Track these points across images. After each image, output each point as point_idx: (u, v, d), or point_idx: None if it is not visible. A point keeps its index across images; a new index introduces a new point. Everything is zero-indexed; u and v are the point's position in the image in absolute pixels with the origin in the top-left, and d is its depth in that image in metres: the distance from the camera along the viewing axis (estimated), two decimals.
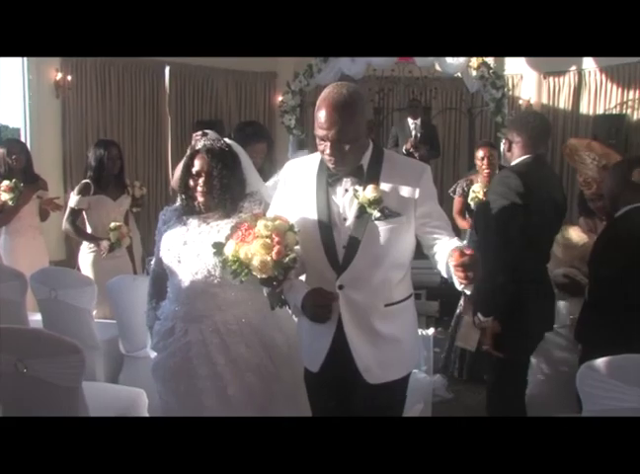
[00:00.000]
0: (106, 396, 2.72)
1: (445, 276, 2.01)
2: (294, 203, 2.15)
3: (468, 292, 1.90)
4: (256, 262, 1.88)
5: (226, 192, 2.28)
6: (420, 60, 7.76)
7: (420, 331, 2.95)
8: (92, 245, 4.30)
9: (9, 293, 3.49)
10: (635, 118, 8.30)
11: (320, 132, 1.99)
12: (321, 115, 1.97)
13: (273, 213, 2.13)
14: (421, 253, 2.19)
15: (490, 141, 5.13)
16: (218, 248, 2.00)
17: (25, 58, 6.83)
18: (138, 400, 2.83)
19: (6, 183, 4.49)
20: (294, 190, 2.17)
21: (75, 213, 4.29)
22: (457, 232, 3.61)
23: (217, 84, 9.31)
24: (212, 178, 2.27)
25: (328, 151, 1.99)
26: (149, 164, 8.65)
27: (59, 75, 7.23)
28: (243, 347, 2.31)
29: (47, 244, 5.09)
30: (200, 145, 2.31)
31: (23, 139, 6.82)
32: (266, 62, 9.27)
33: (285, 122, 7.96)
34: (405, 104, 8.83)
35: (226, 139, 2.42)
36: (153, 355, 3.14)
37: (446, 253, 1.95)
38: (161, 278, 2.44)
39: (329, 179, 2.09)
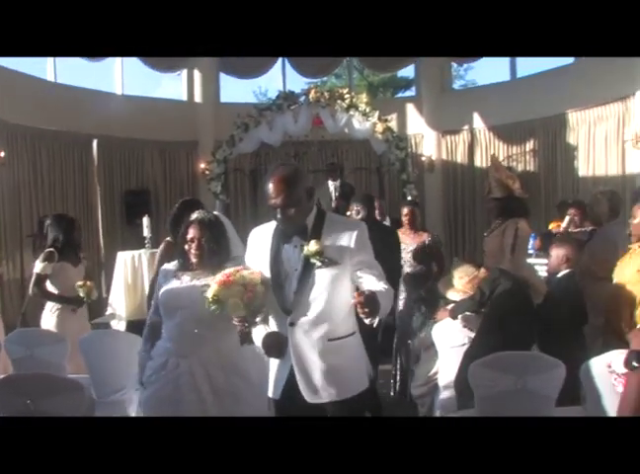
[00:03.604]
0: None
1: None
2: (257, 261, 2.65)
3: (374, 325, 2.28)
4: (230, 302, 2.47)
5: (213, 255, 2.84)
6: (330, 126, 8.65)
7: None
8: (55, 307, 4.65)
9: None
10: (520, 169, 9.51)
11: (270, 202, 2.51)
12: (269, 188, 2.50)
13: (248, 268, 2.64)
14: None
15: (414, 200, 6.58)
16: (206, 289, 2.57)
17: None
18: None
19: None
20: (256, 250, 2.68)
21: (41, 279, 4.64)
22: None
23: (143, 154, 9.92)
24: (202, 243, 2.84)
25: (279, 216, 2.53)
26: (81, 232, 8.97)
27: None
28: (222, 377, 2.82)
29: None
30: (193, 217, 2.89)
31: None
32: (187, 132, 9.93)
33: (212, 189, 8.61)
34: (319, 165, 9.66)
35: (215, 212, 2.97)
36: (126, 396, 3.63)
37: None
38: (157, 325, 2.96)
39: (281, 238, 2.60)
